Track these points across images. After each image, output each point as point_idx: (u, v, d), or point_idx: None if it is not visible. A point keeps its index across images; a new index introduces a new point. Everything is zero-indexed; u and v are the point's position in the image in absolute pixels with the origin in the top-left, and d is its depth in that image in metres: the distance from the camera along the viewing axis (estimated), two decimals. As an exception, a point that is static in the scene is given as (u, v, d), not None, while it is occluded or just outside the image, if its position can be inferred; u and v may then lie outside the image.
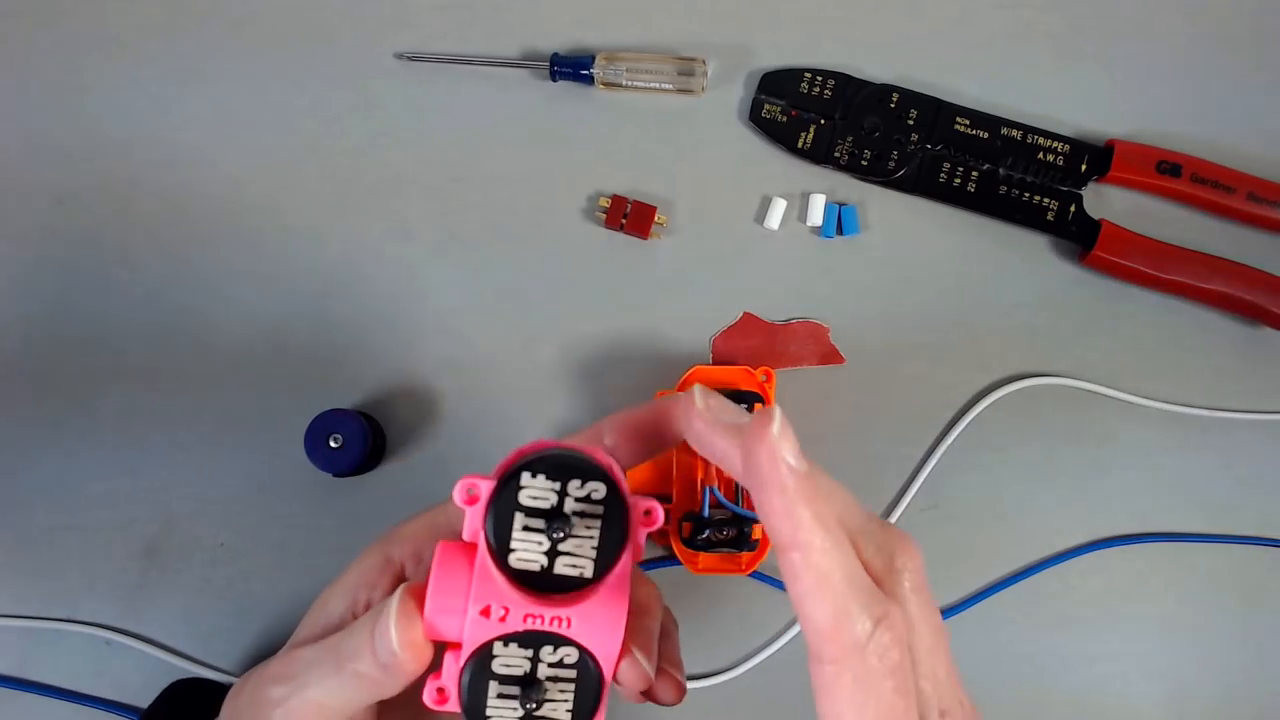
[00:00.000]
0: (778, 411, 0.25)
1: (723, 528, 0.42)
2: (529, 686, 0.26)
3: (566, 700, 0.26)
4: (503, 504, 0.25)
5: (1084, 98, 0.50)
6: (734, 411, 0.28)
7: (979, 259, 0.49)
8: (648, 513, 0.27)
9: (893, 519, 0.47)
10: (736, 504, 0.42)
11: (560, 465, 0.26)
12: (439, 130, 0.50)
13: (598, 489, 0.26)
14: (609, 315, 0.49)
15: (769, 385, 0.44)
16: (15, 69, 0.50)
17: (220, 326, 0.48)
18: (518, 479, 0.25)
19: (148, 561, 0.47)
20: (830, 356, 0.48)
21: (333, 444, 0.44)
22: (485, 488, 0.26)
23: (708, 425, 0.27)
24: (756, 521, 0.42)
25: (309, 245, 0.49)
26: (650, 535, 0.27)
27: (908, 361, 0.48)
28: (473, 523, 0.26)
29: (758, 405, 0.43)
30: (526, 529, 0.25)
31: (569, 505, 0.26)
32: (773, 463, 0.25)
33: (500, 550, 0.25)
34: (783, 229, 0.49)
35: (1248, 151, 0.49)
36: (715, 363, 0.48)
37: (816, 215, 0.49)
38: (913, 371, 0.48)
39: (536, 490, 0.25)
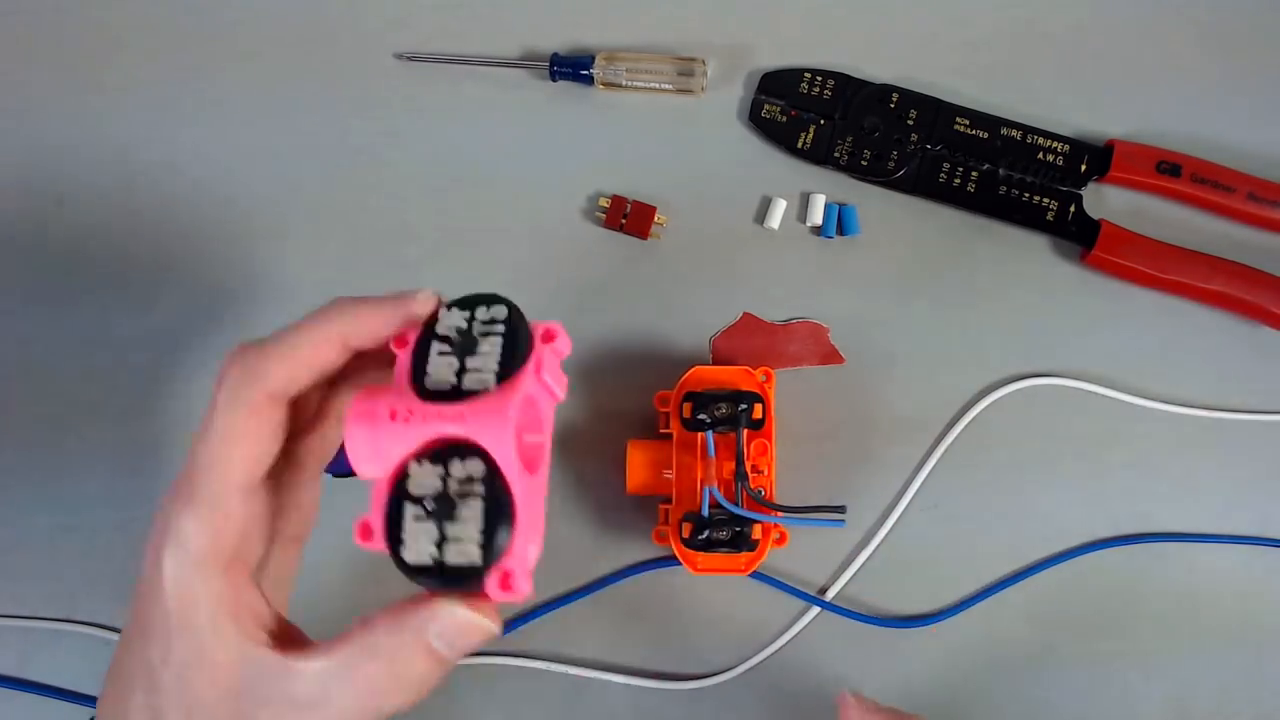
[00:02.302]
0: (848, 694, 0.38)
1: (723, 528, 0.42)
2: (439, 502, 0.27)
3: (476, 520, 0.27)
4: (423, 336, 0.29)
5: (1084, 98, 0.50)
6: None
7: (979, 259, 0.49)
8: (547, 332, 0.30)
9: (892, 519, 0.47)
10: (736, 504, 0.42)
11: (469, 300, 0.30)
12: (439, 130, 0.50)
13: (500, 312, 0.29)
14: (609, 315, 0.49)
15: (769, 385, 0.44)
16: (15, 69, 0.50)
17: (220, 325, 0.48)
18: (436, 316, 0.30)
19: (147, 561, 0.47)
20: (830, 356, 0.48)
21: (332, 444, 0.44)
22: (414, 335, 0.30)
23: None
24: (756, 521, 0.42)
25: (309, 244, 0.49)
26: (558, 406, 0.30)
27: (908, 361, 0.48)
28: (402, 360, 0.29)
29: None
30: (440, 354, 0.29)
31: (476, 329, 0.29)
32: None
33: (417, 374, 0.29)
34: (783, 229, 0.49)
35: (1248, 151, 0.49)
36: (715, 363, 0.48)
37: (816, 215, 0.49)
38: (913, 371, 0.48)
39: (450, 320, 0.29)
